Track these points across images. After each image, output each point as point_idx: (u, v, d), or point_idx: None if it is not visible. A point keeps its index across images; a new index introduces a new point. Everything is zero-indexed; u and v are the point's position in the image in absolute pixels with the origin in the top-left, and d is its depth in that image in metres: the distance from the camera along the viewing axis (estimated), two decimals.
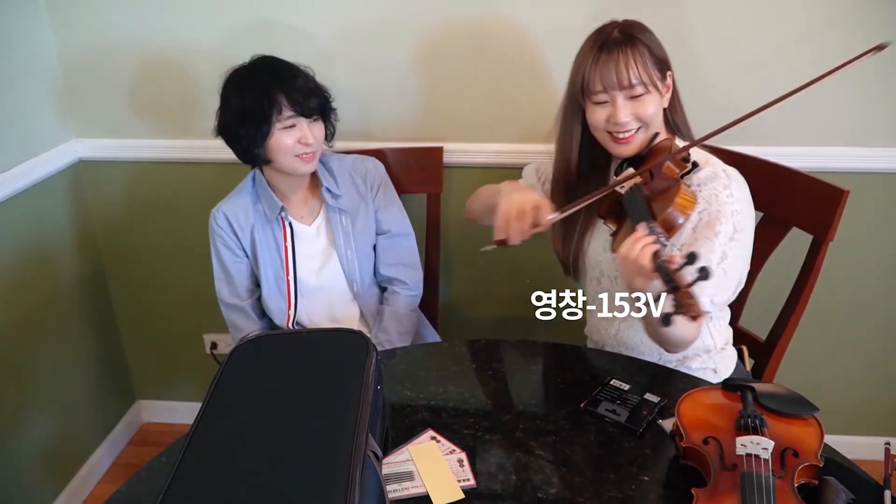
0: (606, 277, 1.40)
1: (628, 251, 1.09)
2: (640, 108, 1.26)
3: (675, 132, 1.36)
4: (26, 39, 1.81)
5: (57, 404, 1.99)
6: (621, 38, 1.26)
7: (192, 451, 0.91)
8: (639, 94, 1.26)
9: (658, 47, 1.29)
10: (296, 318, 1.62)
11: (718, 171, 1.28)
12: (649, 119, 1.28)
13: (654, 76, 1.26)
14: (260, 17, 1.78)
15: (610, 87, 1.25)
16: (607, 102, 1.27)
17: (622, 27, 1.28)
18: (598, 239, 1.41)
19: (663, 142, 1.30)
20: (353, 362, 1.03)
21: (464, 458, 1.09)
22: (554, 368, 1.35)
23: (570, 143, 1.37)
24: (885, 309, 1.92)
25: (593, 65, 1.26)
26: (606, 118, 1.28)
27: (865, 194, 1.68)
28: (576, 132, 1.36)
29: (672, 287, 1.00)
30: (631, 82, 1.24)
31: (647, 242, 1.09)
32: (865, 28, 1.60)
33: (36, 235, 1.88)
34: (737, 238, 1.24)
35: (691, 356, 1.40)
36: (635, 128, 1.28)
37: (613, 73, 1.24)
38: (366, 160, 1.67)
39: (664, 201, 1.17)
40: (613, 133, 1.29)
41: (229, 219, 1.57)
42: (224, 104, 1.49)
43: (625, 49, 1.24)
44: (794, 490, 0.92)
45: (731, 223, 1.24)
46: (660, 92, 1.28)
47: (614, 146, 1.31)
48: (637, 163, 1.30)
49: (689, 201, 1.17)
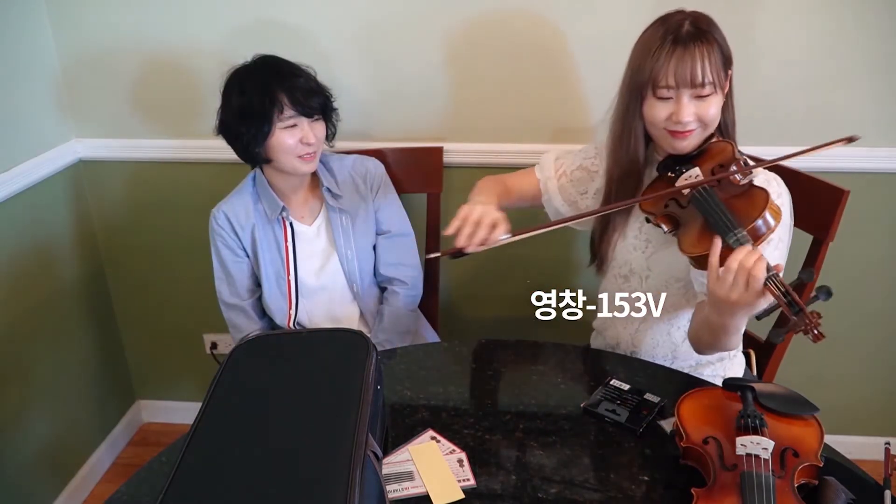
0: (637, 276, 1.38)
1: (744, 260, 1.05)
2: (704, 108, 1.21)
3: (723, 133, 1.31)
4: (26, 39, 1.81)
5: (57, 404, 1.99)
6: (695, 32, 1.18)
7: (192, 451, 0.91)
8: (706, 95, 1.20)
9: (726, 44, 1.23)
10: (296, 317, 1.62)
11: (770, 179, 1.25)
12: (710, 120, 1.23)
13: (722, 76, 1.21)
14: (260, 17, 1.78)
15: (682, 84, 1.19)
16: (671, 99, 1.21)
17: (693, 20, 1.21)
18: (629, 236, 1.38)
19: (719, 143, 1.26)
20: (353, 362, 1.03)
21: (464, 458, 1.09)
22: (554, 368, 1.35)
23: (634, 139, 1.29)
24: (885, 309, 1.92)
25: (667, 58, 1.18)
26: (668, 115, 1.22)
27: (865, 194, 1.68)
28: (638, 126, 1.28)
29: (789, 302, 1.00)
30: (703, 81, 1.18)
31: (759, 255, 1.06)
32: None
33: (36, 235, 1.88)
34: (779, 248, 1.23)
35: (704, 363, 1.40)
36: (695, 128, 1.23)
37: (689, 69, 1.17)
38: (366, 160, 1.67)
39: (750, 209, 1.13)
40: (671, 129, 1.24)
41: (230, 218, 1.57)
42: (225, 102, 1.49)
43: (700, 45, 1.18)
44: (794, 490, 0.92)
45: (777, 233, 1.21)
46: (723, 92, 1.23)
47: (671, 140, 1.25)
48: (684, 161, 1.26)
49: (777, 212, 1.14)
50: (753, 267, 1.05)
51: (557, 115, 1.79)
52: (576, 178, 1.46)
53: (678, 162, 1.27)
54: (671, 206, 1.23)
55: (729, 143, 1.25)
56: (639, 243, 1.37)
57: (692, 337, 1.31)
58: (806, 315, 1.00)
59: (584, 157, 1.46)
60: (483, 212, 1.24)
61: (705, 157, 1.25)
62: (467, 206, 1.25)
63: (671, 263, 1.32)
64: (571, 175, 1.47)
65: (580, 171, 1.46)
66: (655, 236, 1.34)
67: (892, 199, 1.79)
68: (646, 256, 1.36)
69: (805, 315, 1.00)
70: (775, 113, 1.71)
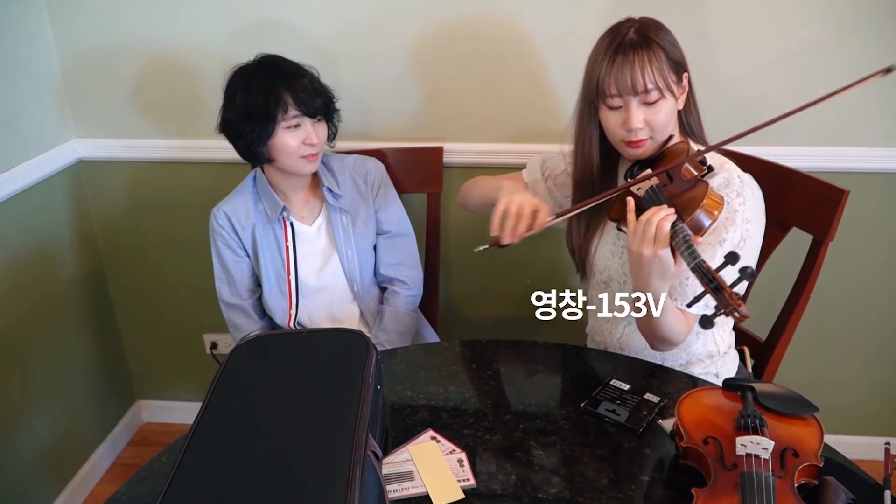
0: (615, 282, 1.39)
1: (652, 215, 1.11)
2: (653, 114, 1.23)
3: (689, 134, 1.34)
4: (26, 39, 1.81)
5: (57, 404, 1.99)
6: (637, 39, 1.22)
7: (192, 451, 0.91)
8: (654, 101, 1.22)
9: (675, 48, 1.25)
10: (297, 317, 1.62)
11: (733, 177, 1.26)
12: (661, 126, 1.25)
13: (670, 80, 1.23)
14: (260, 17, 1.78)
15: (625, 92, 1.22)
16: (621, 107, 1.24)
17: (638, 27, 1.24)
18: (607, 243, 1.40)
19: (678, 145, 1.28)
20: (353, 362, 1.03)
21: (464, 458, 1.09)
22: (554, 368, 1.35)
23: (589, 146, 1.34)
24: (885, 309, 1.92)
25: (609, 67, 1.22)
26: (621, 123, 1.25)
27: (865, 194, 1.68)
28: (594, 133, 1.32)
29: (714, 287, 1.00)
30: (646, 87, 1.21)
31: (669, 211, 1.12)
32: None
33: (36, 235, 1.88)
34: (742, 247, 1.24)
35: (694, 361, 1.40)
36: (647, 135, 1.25)
37: (628, 77, 1.20)
38: (366, 160, 1.67)
39: (691, 202, 1.15)
40: (626, 140, 1.27)
41: (230, 218, 1.57)
42: (228, 101, 1.48)
43: (640, 52, 1.20)
44: (794, 490, 0.92)
45: (739, 232, 1.23)
46: (675, 95, 1.25)
47: (627, 150, 1.29)
48: (649, 165, 1.28)
49: (718, 203, 1.16)
50: (662, 219, 1.12)
51: (560, 116, 1.79)
52: (560, 182, 1.48)
53: (643, 167, 1.30)
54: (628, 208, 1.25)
55: (685, 143, 1.27)
56: (616, 249, 1.38)
57: (639, 328, 1.31)
58: (727, 294, 0.99)
59: (565, 162, 1.48)
60: (521, 202, 1.24)
61: (665, 160, 1.27)
62: (504, 200, 1.25)
63: None
64: (556, 179, 1.49)
65: (563, 175, 1.47)
66: None
67: (892, 199, 1.79)
68: (622, 263, 1.37)
69: (725, 295, 0.99)
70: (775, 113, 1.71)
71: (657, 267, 1.14)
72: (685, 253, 1.08)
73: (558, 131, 1.79)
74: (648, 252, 1.13)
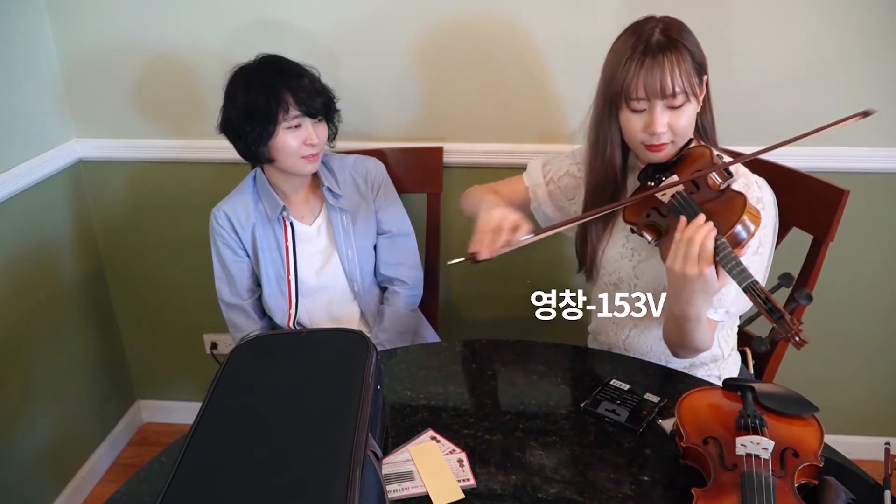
0: (625, 284, 1.38)
1: (694, 231, 1.09)
2: (677, 118, 1.20)
3: (702, 135, 1.31)
4: (26, 39, 1.81)
5: (57, 404, 1.99)
6: (665, 41, 1.17)
7: (192, 451, 0.91)
8: (679, 105, 1.19)
9: (699, 51, 1.22)
10: (297, 317, 1.62)
11: (751, 183, 1.25)
12: (684, 130, 1.22)
13: (695, 83, 1.20)
14: (260, 18, 1.78)
15: (652, 96, 1.18)
16: (645, 110, 1.21)
17: (663, 28, 1.19)
18: (616, 244, 1.38)
19: (697, 148, 1.25)
20: (353, 362, 1.03)
21: (464, 458, 1.09)
22: (554, 368, 1.35)
23: (610, 148, 1.29)
24: (885, 309, 1.92)
25: (637, 69, 1.17)
26: (643, 126, 1.21)
27: (865, 194, 1.68)
28: (615, 136, 1.28)
29: (769, 309, 1.00)
30: (675, 91, 1.17)
31: (710, 227, 1.09)
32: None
33: (36, 235, 1.88)
34: (760, 252, 1.23)
35: (698, 364, 1.39)
36: (669, 139, 1.22)
37: (658, 80, 1.16)
38: (366, 160, 1.67)
39: (728, 215, 1.12)
40: (647, 143, 1.23)
41: (230, 218, 1.57)
42: (229, 101, 1.48)
43: (669, 55, 1.16)
44: (794, 490, 0.92)
45: (758, 237, 1.21)
46: (698, 99, 1.22)
47: (646, 153, 1.25)
48: (664, 169, 1.25)
49: (756, 217, 1.13)
50: (705, 237, 1.08)
51: (560, 116, 1.79)
52: (563, 184, 1.46)
53: (658, 170, 1.26)
54: (653, 216, 1.22)
55: (707, 148, 1.24)
56: (626, 252, 1.37)
57: (665, 337, 1.31)
58: (787, 321, 1.00)
59: (570, 163, 1.46)
60: (500, 217, 1.20)
61: (684, 164, 1.24)
62: (483, 217, 1.22)
63: (659, 272, 1.31)
64: (559, 182, 1.46)
65: (567, 177, 1.45)
66: (642, 245, 1.34)
67: (892, 199, 1.79)
68: (633, 265, 1.36)
69: (786, 321, 1.00)
70: (775, 113, 1.71)
71: (701, 286, 1.12)
72: (734, 272, 1.07)
73: (558, 131, 1.81)
74: (693, 271, 1.10)
